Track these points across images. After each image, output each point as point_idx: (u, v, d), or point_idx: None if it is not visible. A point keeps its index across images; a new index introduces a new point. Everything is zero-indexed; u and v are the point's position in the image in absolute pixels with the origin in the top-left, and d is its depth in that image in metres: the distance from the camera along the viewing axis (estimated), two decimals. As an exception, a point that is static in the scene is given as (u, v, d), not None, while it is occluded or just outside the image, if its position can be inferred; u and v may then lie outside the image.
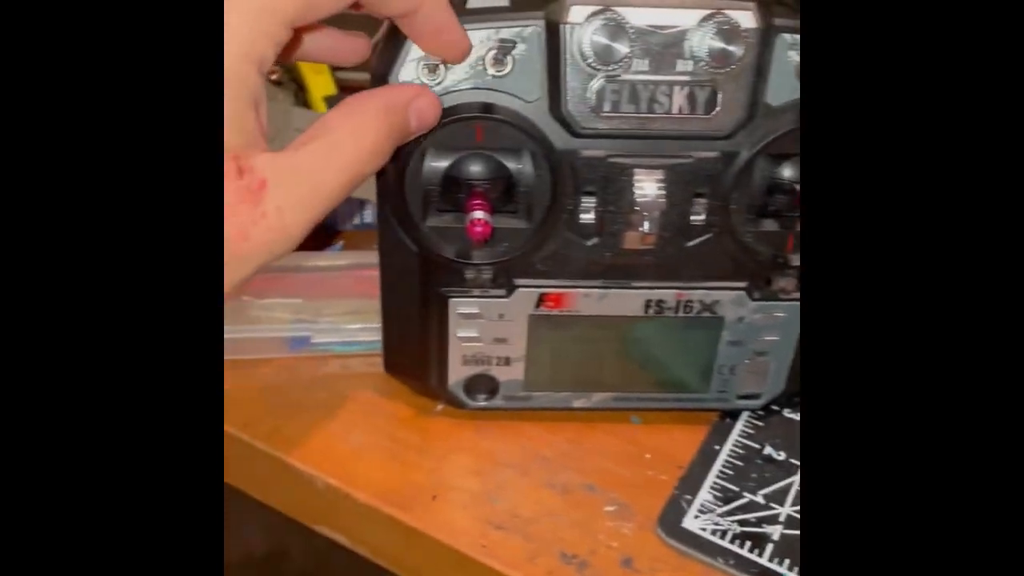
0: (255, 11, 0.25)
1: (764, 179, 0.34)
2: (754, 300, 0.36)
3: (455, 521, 0.35)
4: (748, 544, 0.34)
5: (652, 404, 0.40)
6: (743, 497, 0.36)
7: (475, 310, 0.36)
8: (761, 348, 0.38)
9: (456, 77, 0.31)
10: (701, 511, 0.36)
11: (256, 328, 0.42)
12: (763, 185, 0.34)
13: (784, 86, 0.32)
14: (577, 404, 0.39)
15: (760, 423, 0.40)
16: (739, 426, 0.40)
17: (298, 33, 0.31)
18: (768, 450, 0.39)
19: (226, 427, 0.39)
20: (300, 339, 0.42)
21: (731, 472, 0.38)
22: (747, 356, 0.38)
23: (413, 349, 0.38)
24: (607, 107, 0.31)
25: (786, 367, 0.39)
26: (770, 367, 0.38)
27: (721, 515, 0.36)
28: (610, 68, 0.31)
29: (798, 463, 0.38)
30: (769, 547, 0.34)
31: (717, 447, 0.39)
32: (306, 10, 0.26)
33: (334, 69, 0.58)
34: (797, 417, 0.40)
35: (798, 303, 0.37)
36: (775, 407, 0.40)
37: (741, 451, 0.39)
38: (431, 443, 0.39)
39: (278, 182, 0.25)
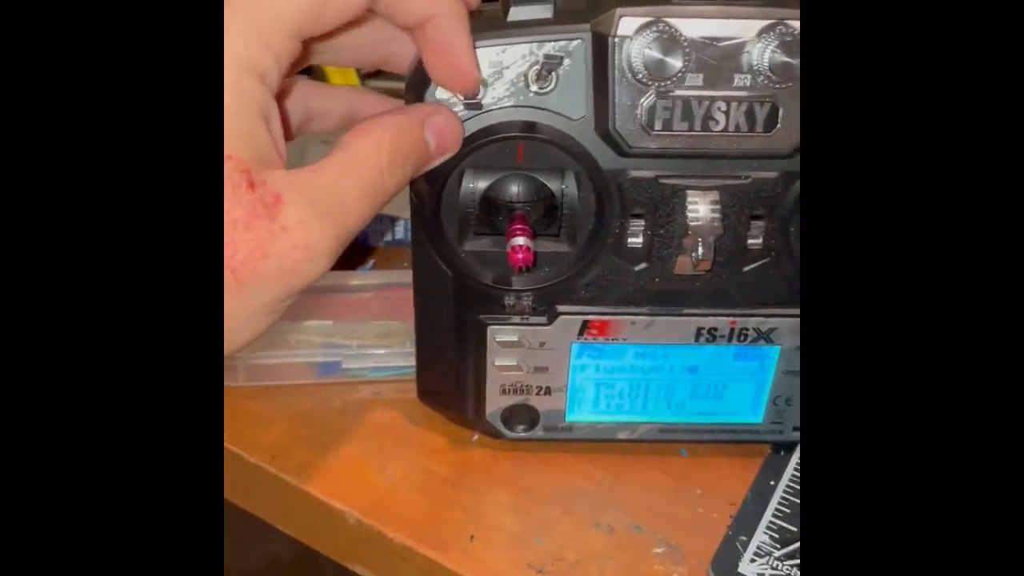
0: (254, 20, 0.23)
1: (826, 200, 0.31)
2: (813, 327, 0.34)
3: (495, 564, 0.33)
4: (809, 591, 0.32)
5: (701, 436, 0.37)
6: (802, 539, 0.34)
7: (515, 338, 0.34)
8: (820, 378, 0.35)
9: (496, 94, 0.29)
10: (758, 554, 0.33)
11: (283, 354, 0.40)
12: (825, 206, 0.31)
13: (851, 100, 0.29)
14: (622, 436, 0.37)
15: (816, 455, 0.38)
16: (796, 460, 0.37)
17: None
18: (827, 487, 0.36)
19: (253, 459, 0.37)
20: (330, 364, 0.40)
21: (788, 511, 0.35)
22: (805, 386, 0.36)
23: (448, 377, 0.36)
24: (658, 125, 0.29)
25: (845, 397, 0.36)
26: (829, 398, 0.36)
27: (780, 559, 0.33)
28: (662, 83, 0.28)
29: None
30: (832, 595, 0.32)
31: (772, 483, 0.36)
32: (313, 20, 0.24)
33: (364, 76, 0.57)
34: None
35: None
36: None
37: (799, 487, 0.36)
38: (468, 477, 0.37)
39: (296, 198, 0.24)
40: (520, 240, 0.30)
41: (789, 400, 0.36)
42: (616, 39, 0.28)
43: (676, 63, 0.28)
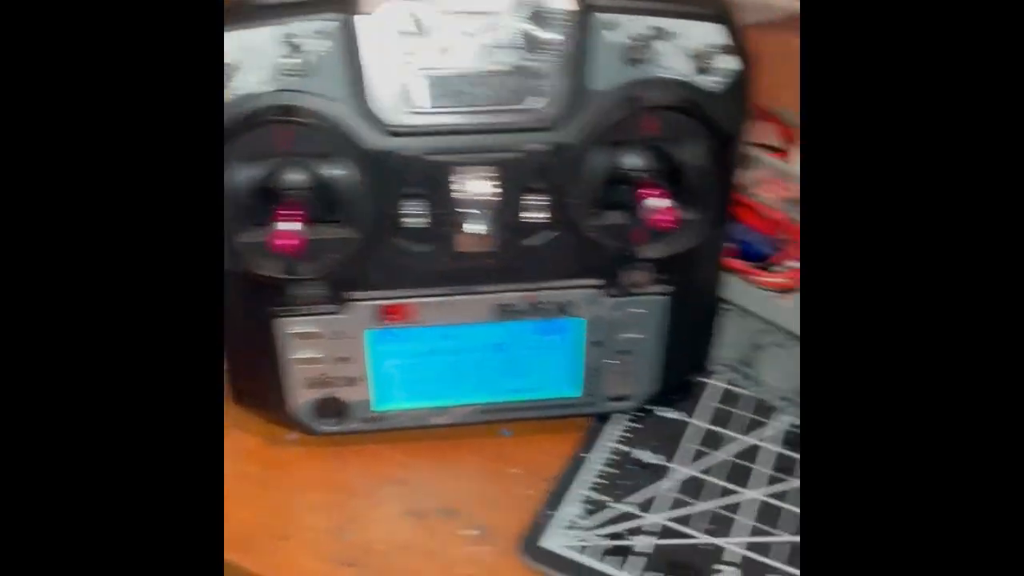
0: None
1: (602, 169, 0.32)
2: (610, 297, 0.34)
3: (303, 563, 0.32)
4: (616, 559, 0.32)
5: (520, 414, 0.37)
6: (611, 508, 0.34)
7: (311, 329, 0.34)
8: (624, 347, 0.36)
9: (254, 79, 0.29)
10: (569, 527, 0.33)
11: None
12: (602, 176, 0.32)
13: (608, 70, 0.30)
14: (436, 421, 0.37)
15: (638, 425, 0.38)
16: (610, 431, 0.38)
17: None
18: (639, 454, 0.37)
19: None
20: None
21: (604, 481, 0.35)
22: (610, 356, 0.36)
23: (253, 375, 0.35)
24: (418, 102, 0.29)
25: (657, 365, 0.37)
26: (636, 367, 0.36)
27: (588, 529, 0.33)
28: (415, 60, 0.28)
29: (671, 465, 0.36)
30: (639, 560, 0.32)
31: (584, 455, 0.36)
32: None
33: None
34: (674, 416, 0.38)
35: (658, 298, 0.35)
36: (651, 408, 0.38)
37: (615, 457, 0.36)
38: (281, 476, 0.36)
39: None
40: (283, 225, 0.29)
41: (598, 371, 0.36)
42: (365, 17, 0.28)
43: (428, 39, 0.28)
